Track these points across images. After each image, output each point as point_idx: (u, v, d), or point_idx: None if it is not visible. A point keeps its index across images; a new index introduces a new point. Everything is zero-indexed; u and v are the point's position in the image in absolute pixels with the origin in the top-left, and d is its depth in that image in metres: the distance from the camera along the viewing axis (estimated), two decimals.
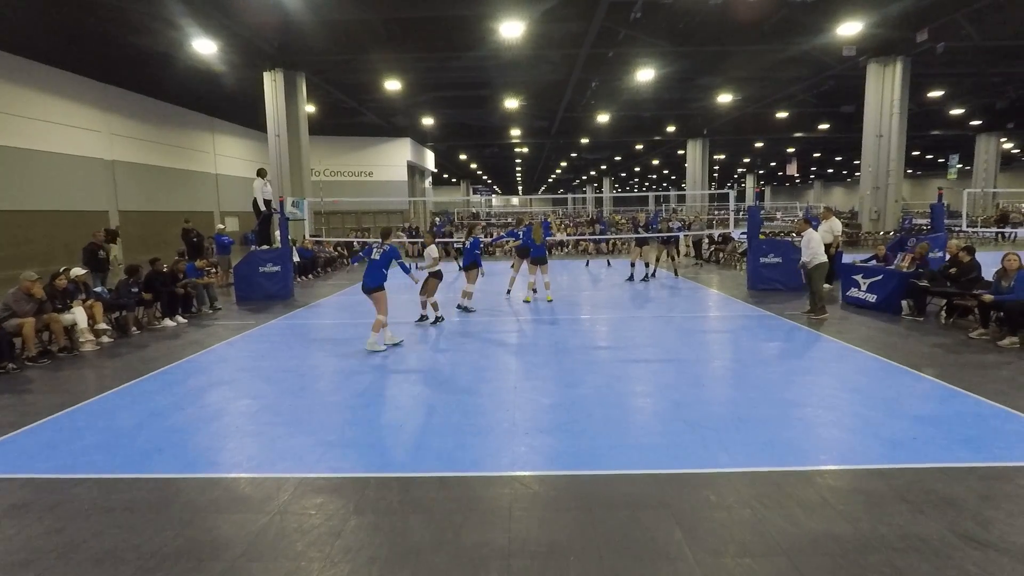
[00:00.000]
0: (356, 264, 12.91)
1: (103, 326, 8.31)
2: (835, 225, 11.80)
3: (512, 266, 12.12)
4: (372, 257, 7.50)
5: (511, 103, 25.40)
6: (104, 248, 11.65)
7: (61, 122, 18.61)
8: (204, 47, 15.63)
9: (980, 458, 4.03)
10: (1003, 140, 34.59)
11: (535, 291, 11.20)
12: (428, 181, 44.86)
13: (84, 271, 8.82)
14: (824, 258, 9.12)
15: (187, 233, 14.40)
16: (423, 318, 9.09)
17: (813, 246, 8.99)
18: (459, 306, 10.08)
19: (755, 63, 19.97)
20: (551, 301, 10.99)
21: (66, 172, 18.73)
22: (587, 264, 18.41)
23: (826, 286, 11.88)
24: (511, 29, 14.99)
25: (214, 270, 12.87)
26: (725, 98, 24.90)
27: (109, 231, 16.22)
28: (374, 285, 7.37)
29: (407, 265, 7.83)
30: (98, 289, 9.50)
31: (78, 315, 7.90)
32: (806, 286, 9.58)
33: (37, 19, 14.57)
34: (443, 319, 9.17)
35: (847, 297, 10.29)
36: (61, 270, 8.25)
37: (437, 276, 8.83)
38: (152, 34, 15.47)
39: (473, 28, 16.13)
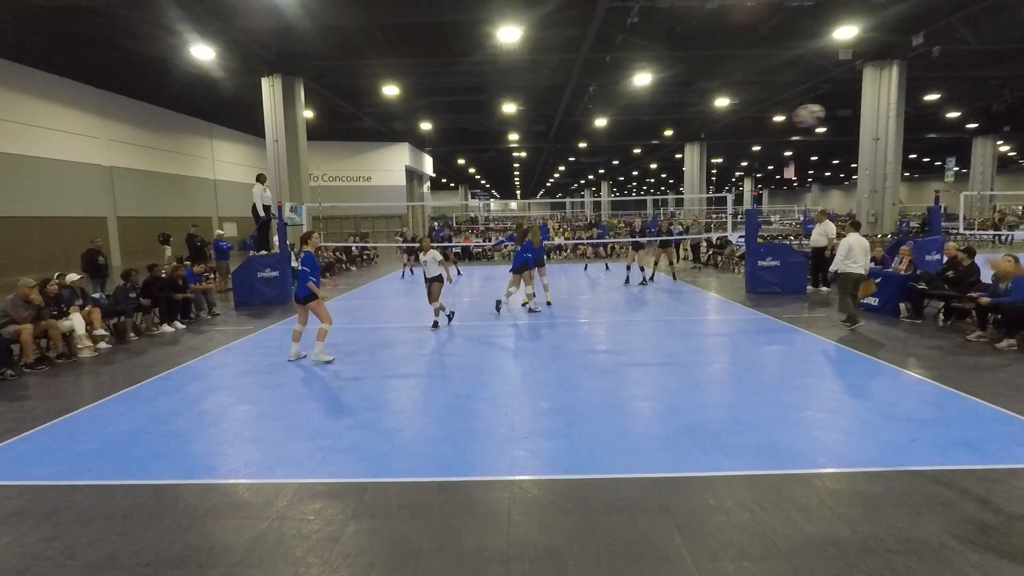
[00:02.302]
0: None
1: (101, 332, 8.29)
2: (829, 228, 11.99)
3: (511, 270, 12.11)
4: (295, 266, 7.25)
5: (509, 108, 25.47)
6: (103, 254, 11.65)
7: (59, 128, 18.64)
8: (202, 53, 15.65)
9: (978, 460, 4.03)
10: (999, 143, 34.76)
11: (533, 294, 11.21)
12: (426, 186, 44.92)
13: (79, 276, 8.80)
14: (851, 268, 8.29)
15: (192, 238, 14.41)
16: (436, 324, 9.12)
17: (840, 252, 8.47)
18: (523, 304, 10.63)
19: (752, 67, 20.05)
20: (550, 303, 11.02)
21: (64, 178, 18.76)
22: (585, 268, 18.43)
23: (823, 288, 11.97)
24: (508, 34, 15.04)
25: (212, 275, 12.87)
26: (722, 102, 24.98)
27: (163, 234, 16.54)
28: (305, 295, 7.13)
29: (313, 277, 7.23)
30: (96, 295, 9.49)
31: (76, 321, 7.89)
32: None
33: (36, 26, 14.60)
34: (453, 314, 9.48)
35: None
36: (56, 276, 8.25)
37: (438, 280, 8.93)
38: (150, 40, 15.50)
39: (470, 33, 16.19)
